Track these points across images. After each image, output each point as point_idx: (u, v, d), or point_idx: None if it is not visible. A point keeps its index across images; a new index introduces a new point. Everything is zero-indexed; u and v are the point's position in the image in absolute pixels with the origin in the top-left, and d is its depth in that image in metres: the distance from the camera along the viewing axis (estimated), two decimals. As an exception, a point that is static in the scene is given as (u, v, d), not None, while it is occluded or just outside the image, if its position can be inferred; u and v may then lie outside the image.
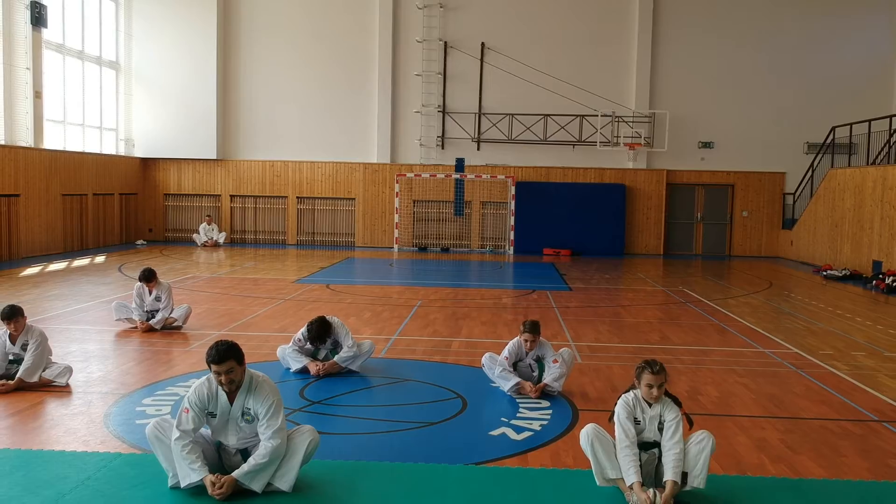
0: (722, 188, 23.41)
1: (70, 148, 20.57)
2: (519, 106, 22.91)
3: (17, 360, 7.06)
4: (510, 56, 22.95)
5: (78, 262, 17.58)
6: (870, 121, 19.15)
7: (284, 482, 4.63)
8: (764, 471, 5.29)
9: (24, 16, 18.10)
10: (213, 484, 4.52)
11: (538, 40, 23.03)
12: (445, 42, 23.18)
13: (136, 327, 9.65)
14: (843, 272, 17.61)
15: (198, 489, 4.60)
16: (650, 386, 4.70)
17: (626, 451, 4.67)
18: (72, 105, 20.91)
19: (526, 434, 5.95)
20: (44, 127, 18.94)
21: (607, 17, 22.99)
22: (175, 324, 9.78)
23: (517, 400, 6.83)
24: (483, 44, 23.13)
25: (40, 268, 16.37)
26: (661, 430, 4.75)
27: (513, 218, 22.81)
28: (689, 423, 4.95)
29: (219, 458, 4.85)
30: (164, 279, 10.42)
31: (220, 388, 4.68)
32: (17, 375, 6.89)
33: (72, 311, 11.03)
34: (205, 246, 22.47)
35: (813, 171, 21.82)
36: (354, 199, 23.70)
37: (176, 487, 4.65)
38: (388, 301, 12.72)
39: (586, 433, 4.82)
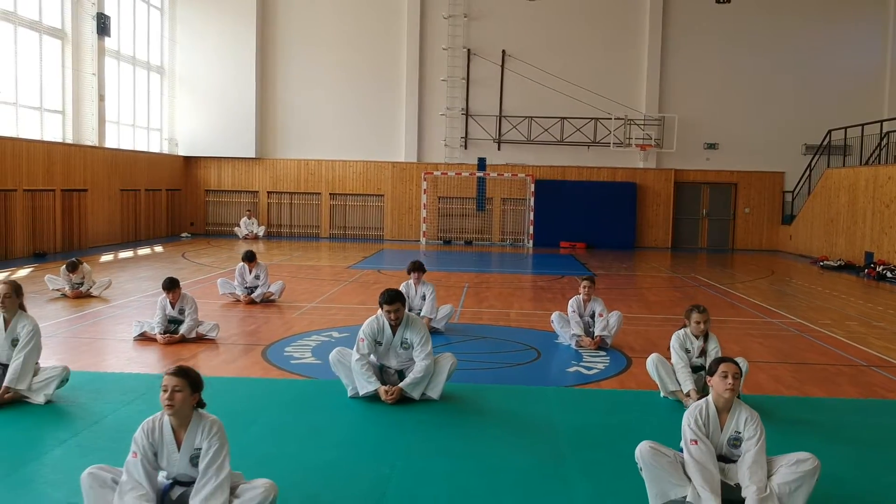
0: (726, 186, 25.18)
1: (123, 147, 22.22)
2: (537, 109, 24.62)
3: (174, 321, 8.76)
4: (529, 62, 24.64)
5: (141, 251, 19.26)
6: (863, 125, 20.92)
7: (435, 392, 6.35)
8: (780, 393, 7.03)
9: (90, 26, 19.75)
10: (386, 392, 6.23)
11: (555, 48, 24.74)
12: (469, 49, 24.88)
13: (238, 300, 11.35)
14: (838, 262, 19.39)
15: (371, 397, 6.30)
16: (698, 322, 6.45)
17: (682, 370, 6.41)
18: (124, 107, 22.56)
19: (594, 371, 7.69)
20: (106, 127, 20.60)
21: (620, 27, 24.73)
22: (271, 297, 11.50)
23: (580, 352, 8.55)
24: (504, 51, 24.84)
25: (111, 256, 18.03)
26: (703, 355, 6.48)
27: (532, 213, 24.52)
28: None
29: (381, 377, 6.55)
30: (262, 261, 12.11)
31: (386, 323, 6.38)
32: (181, 332, 8.59)
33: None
34: (245, 238, 24.14)
35: (810, 171, 23.61)
36: (383, 195, 25.41)
37: (354, 397, 6.36)
38: (438, 283, 14.37)
39: (651, 360, 6.58)
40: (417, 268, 9.63)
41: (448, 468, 4.90)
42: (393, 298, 6.29)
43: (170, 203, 24.56)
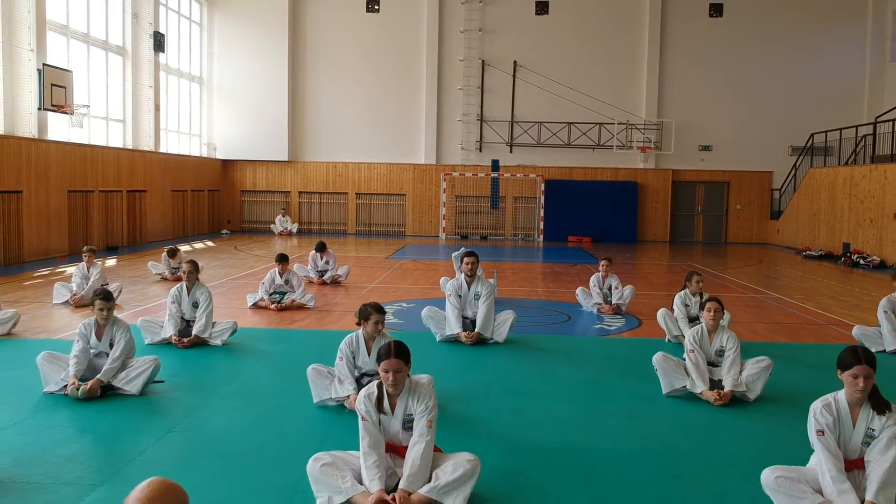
0: (719, 185, 27.54)
1: (172, 151, 24.47)
2: (546, 115, 26.92)
3: (278, 292, 11.03)
4: (539, 72, 26.94)
5: (196, 245, 21.52)
6: (842, 129, 23.27)
7: (500, 337, 8.66)
8: (754, 340, 9.33)
9: (148, 44, 22.00)
10: (466, 336, 8.52)
11: (562, 59, 27.05)
12: (483, 60, 27.18)
13: (312, 282, 13.63)
14: (819, 252, 21.72)
15: (453, 342, 8.60)
16: (698, 282, 8.77)
17: (682, 319, 8.74)
18: (170, 114, 24.80)
19: (614, 328, 10.01)
20: (161, 134, 22.87)
21: (622, 39, 27.04)
22: (339, 279, 13.78)
23: (601, 316, 10.86)
24: (515, 62, 27.13)
25: (173, 249, 20.26)
26: (701, 308, 8.78)
27: (542, 210, 26.84)
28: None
29: (460, 326, 8.85)
30: (331, 249, 14.39)
31: (463, 281, 8.67)
32: (292, 298, 10.87)
33: (249, 275, 14.98)
34: (280, 234, 26.41)
35: (795, 171, 25.98)
36: (405, 194, 27.70)
37: (442, 341, 8.64)
38: (470, 270, 16.70)
39: (660, 313, 8.93)
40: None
41: (525, 376, 7.22)
42: (471, 252, 8.64)
43: (210, 202, 26.82)
